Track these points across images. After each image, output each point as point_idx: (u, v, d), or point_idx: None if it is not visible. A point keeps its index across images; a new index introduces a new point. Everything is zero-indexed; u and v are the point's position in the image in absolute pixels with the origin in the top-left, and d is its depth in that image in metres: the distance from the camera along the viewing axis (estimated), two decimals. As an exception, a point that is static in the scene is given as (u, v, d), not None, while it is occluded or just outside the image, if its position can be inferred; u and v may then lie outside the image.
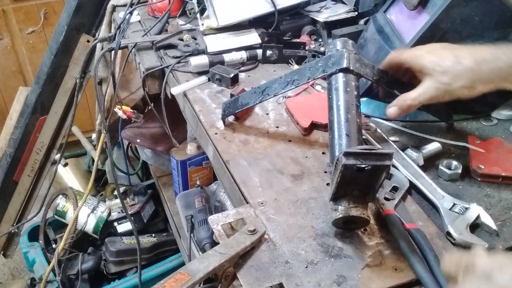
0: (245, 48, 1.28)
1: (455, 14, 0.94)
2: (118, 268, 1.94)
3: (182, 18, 1.52)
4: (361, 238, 0.74)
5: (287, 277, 0.67)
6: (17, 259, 2.34)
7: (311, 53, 1.24)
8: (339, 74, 0.85)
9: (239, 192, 0.85)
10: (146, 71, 1.25)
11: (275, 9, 1.34)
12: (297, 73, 0.92)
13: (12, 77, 2.63)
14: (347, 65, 0.85)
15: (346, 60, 0.85)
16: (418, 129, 0.99)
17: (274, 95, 0.94)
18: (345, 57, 0.85)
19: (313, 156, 0.93)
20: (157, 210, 2.13)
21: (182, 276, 0.63)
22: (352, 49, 0.89)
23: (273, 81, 0.95)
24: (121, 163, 2.21)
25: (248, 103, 0.97)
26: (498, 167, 0.86)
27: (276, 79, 0.94)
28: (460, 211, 0.76)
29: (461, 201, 0.78)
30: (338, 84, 0.84)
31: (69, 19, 1.64)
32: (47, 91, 1.76)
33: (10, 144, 1.83)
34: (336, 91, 0.84)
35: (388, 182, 0.83)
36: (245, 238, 0.71)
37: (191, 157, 1.64)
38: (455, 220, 0.75)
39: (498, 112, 1.04)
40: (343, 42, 0.90)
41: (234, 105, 1.00)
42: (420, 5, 0.99)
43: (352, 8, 1.39)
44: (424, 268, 0.66)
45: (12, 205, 1.96)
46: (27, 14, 2.51)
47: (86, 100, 2.67)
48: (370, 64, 0.90)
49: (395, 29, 1.05)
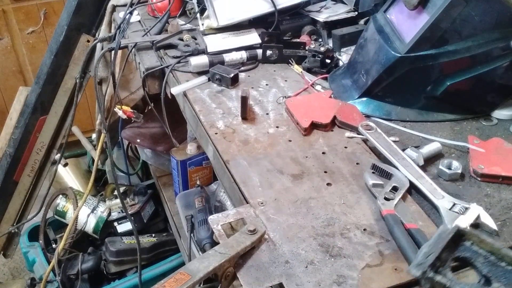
0: (245, 48, 1.28)
1: (455, 14, 0.94)
2: (118, 268, 1.94)
3: (182, 18, 1.52)
4: (361, 238, 0.74)
5: (287, 277, 0.67)
6: (17, 259, 2.34)
7: (311, 53, 1.24)
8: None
9: (239, 192, 0.85)
10: (146, 71, 1.25)
11: (275, 9, 1.34)
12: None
13: (12, 77, 2.63)
14: None
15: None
16: (418, 129, 0.99)
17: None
18: None
19: (313, 156, 0.93)
20: (157, 210, 2.13)
21: (182, 276, 0.63)
22: None
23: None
24: (121, 163, 2.21)
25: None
26: (498, 167, 0.86)
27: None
28: (460, 211, 0.76)
29: (461, 201, 0.78)
30: None
31: (69, 19, 1.64)
32: (47, 91, 1.76)
33: (10, 144, 1.83)
34: None
35: (388, 182, 0.83)
36: (245, 238, 0.71)
37: (191, 157, 1.64)
38: (455, 220, 0.75)
39: (498, 112, 1.03)
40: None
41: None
42: (420, 5, 0.99)
43: (352, 8, 1.39)
44: (424, 268, 0.66)
45: (12, 205, 1.96)
46: (27, 14, 2.51)
47: (86, 100, 2.67)
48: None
49: (395, 29, 1.05)
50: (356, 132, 0.98)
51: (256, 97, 1.13)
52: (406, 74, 1.00)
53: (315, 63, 1.23)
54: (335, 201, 0.81)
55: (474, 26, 0.95)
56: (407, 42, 0.99)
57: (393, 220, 0.74)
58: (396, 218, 0.75)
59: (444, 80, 0.99)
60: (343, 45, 1.30)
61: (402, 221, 0.75)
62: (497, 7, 0.94)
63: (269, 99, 1.12)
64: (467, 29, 0.95)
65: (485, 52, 0.96)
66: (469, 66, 0.98)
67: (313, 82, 1.17)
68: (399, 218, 0.75)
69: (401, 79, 1.01)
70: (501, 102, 1.03)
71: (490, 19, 0.94)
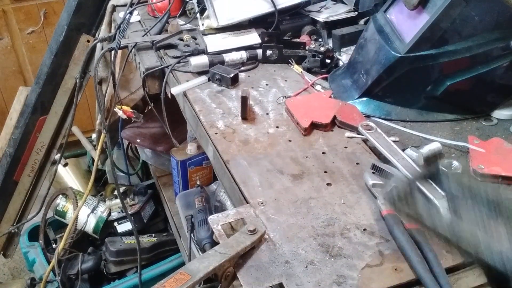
0: (245, 48, 1.28)
1: (455, 14, 0.94)
2: (118, 268, 1.94)
3: (182, 18, 1.52)
4: (361, 238, 0.74)
5: (287, 277, 0.67)
6: (17, 259, 2.34)
7: (311, 53, 1.24)
8: None
9: (239, 192, 0.85)
10: (146, 71, 1.25)
11: (275, 9, 1.34)
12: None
13: (12, 77, 2.63)
14: None
15: None
16: (418, 129, 0.99)
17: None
18: None
19: (313, 156, 0.92)
20: (157, 210, 2.13)
21: (182, 276, 0.63)
22: None
23: None
24: (121, 163, 2.21)
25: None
26: (498, 167, 0.86)
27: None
28: (460, 211, 0.76)
29: (461, 201, 0.78)
30: None
31: (69, 19, 1.64)
32: (47, 91, 1.76)
33: (10, 144, 1.83)
34: None
35: (388, 182, 0.82)
36: (245, 238, 0.71)
37: (191, 157, 1.64)
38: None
39: (498, 112, 1.03)
40: None
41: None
42: (420, 5, 0.99)
43: (352, 8, 1.39)
44: (424, 268, 0.66)
45: (12, 205, 1.96)
46: (27, 14, 2.51)
47: (86, 100, 2.67)
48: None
49: (395, 29, 1.05)
50: (356, 132, 0.98)
51: (256, 97, 1.13)
52: (406, 74, 1.00)
53: (315, 63, 1.23)
54: (335, 201, 0.81)
55: (474, 26, 0.95)
56: (407, 42, 0.99)
57: (393, 220, 0.74)
58: (396, 218, 0.75)
59: (444, 80, 0.99)
60: (343, 45, 1.30)
61: (402, 221, 0.75)
62: (497, 7, 0.93)
63: (269, 99, 1.12)
64: (467, 29, 0.95)
65: (485, 52, 0.96)
66: (469, 66, 0.98)
67: (313, 82, 1.17)
68: (399, 218, 0.75)
69: (401, 79, 1.01)
70: (501, 102, 1.03)
71: (490, 19, 0.94)
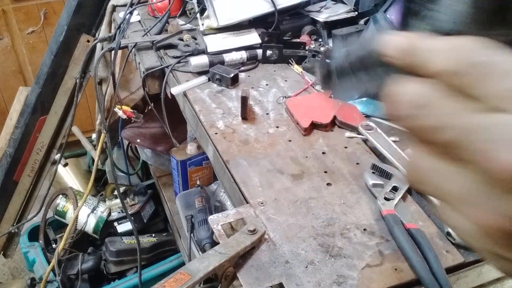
0: (245, 48, 1.28)
1: (455, 14, 0.94)
2: (118, 268, 1.94)
3: (182, 18, 1.51)
4: (361, 238, 0.74)
5: (287, 277, 0.67)
6: (17, 259, 2.34)
7: (311, 53, 1.24)
8: None
9: (239, 192, 0.85)
10: (146, 71, 1.25)
11: (275, 9, 1.34)
12: None
13: (12, 77, 2.63)
14: None
15: None
16: (418, 129, 0.99)
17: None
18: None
19: (313, 156, 0.92)
20: (157, 210, 2.13)
21: (182, 276, 0.63)
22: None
23: None
24: (121, 163, 2.21)
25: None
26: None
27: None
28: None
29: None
30: None
31: (69, 19, 1.64)
32: (47, 91, 1.76)
33: (10, 144, 1.83)
34: None
35: (388, 182, 0.83)
36: (245, 238, 0.71)
37: (191, 157, 1.64)
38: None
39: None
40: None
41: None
42: (420, 5, 0.99)
43: (352, 8, 1.39)
44: (424, 268, 0.66)
45: (12, 205, 1.95)
46: (27, 14, 2.51)
47: (86, 100, 2.67)
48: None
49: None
50: (356, 132, 0.98)
51: (256, 97, 1.13)
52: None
53: (315, 63, 1.23)
54: (335, 201, 0.81)
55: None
56: (407, 42, 0.99)
57: (393, 220, 0.74)
58: (396, 218, 0.75)
59: (444, 80, 0.99)
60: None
61: (402, 221, 0.75)
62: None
63: (269, 99, 1.12)
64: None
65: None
66: (469, 66, 0.98)
67: (313, 82, 1.17)
68: (399, 218, 0.75)
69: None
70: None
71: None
